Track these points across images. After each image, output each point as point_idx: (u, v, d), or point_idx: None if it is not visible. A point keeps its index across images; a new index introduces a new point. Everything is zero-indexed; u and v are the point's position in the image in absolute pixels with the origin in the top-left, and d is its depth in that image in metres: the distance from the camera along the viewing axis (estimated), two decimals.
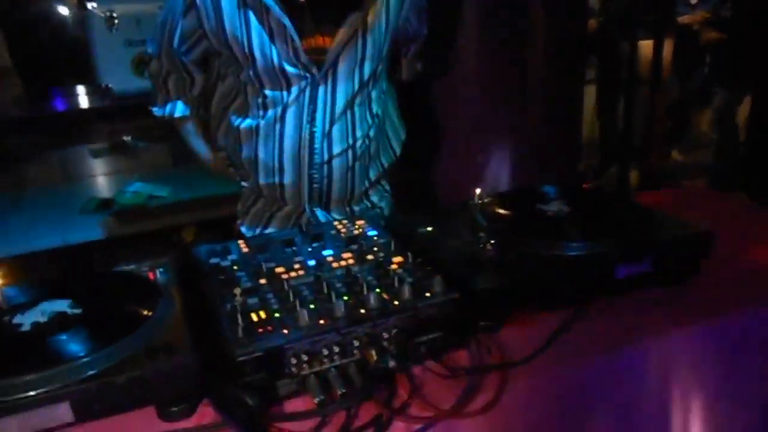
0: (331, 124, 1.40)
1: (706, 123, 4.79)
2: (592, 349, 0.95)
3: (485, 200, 1.24)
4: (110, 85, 2.41)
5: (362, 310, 0.90)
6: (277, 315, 0.91)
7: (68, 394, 0.80)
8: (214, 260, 1.11)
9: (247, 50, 1.33)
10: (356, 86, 1.39)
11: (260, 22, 1.30)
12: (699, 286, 1.09)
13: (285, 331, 0.86)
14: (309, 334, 0.86)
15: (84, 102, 2.58)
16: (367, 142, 1.47)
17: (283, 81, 1.36)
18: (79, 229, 2.19)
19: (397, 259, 1.05)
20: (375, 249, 1.10)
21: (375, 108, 1.47)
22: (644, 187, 3.23)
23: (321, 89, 1.37)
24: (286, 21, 1.27)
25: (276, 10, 1.26)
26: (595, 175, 3.17)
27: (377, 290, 0.94)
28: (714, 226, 1.08)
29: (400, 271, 1.00)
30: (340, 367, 0.87)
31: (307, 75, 1.35)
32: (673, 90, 4.42)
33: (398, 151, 1.61)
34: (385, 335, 0.89)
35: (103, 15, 2.31)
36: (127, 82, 2.41)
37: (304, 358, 0.86)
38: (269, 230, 1.59)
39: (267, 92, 1.39)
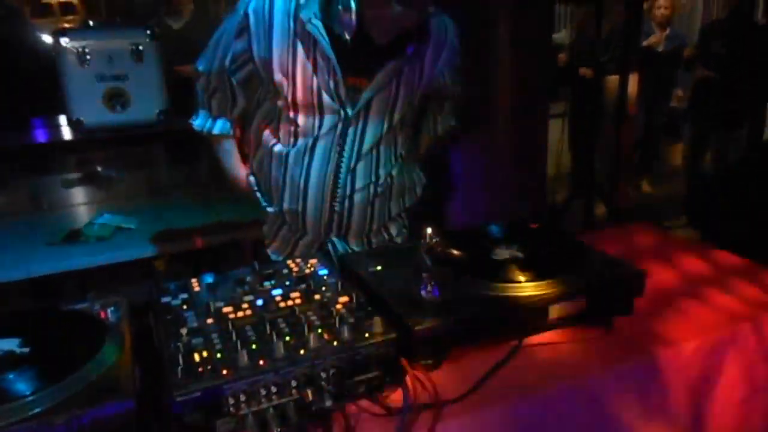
0: (357, 161, 1.48)
1: (679, 155, 4.93)
2: (526, 387, 0.99)
3: (433, 240, 1.28)
4: (81, 118, 2.45)
5: (302, 351, 0.93)
6: (219, 355, 0.93)
7: None
8: (165, 299, 1.13)
9: (290, 78, 1.41)
10: (385, 129, 1.48)
11: (306, 53, 1.39)
12: (631, 325, 1.14)
13: (224, 372, 0.89)
14: (248, 374, 0.88)
15: (57, 134, 2.61)
16: (389, 180, 1.55)
17: (317, 113, 1.44)
18: (45, 261, 2.19)
19: (343, 298, 1.08)
20: (323, 288, 1.13)
21: (400, 150, 1.56)
22: (612, 220, 3.31)
23: (351, 127, 1.45)
24: (332, 55, 1.36)
25: (323, 44, 1.35)
26: (562, 208, 3.24)
27: (319, 330, 0.98)
28: (655, 264, 1.14)
29: (343, 311, 1.04)
30: (278, 406, 0.90)
31: (341, 111, 1.43)
32: (642, 122, 4.56)
33: (419, 192, 1.69)
34: (323, 375, 0.92)
35: (75, 51, 2.35)
36: (99, 116, 2.44)
37: (243, 398, 0.88)
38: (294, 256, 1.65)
39: (300, 122, 1.46)
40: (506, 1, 2.48)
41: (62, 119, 2.67)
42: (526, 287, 1.09)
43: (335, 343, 0.94)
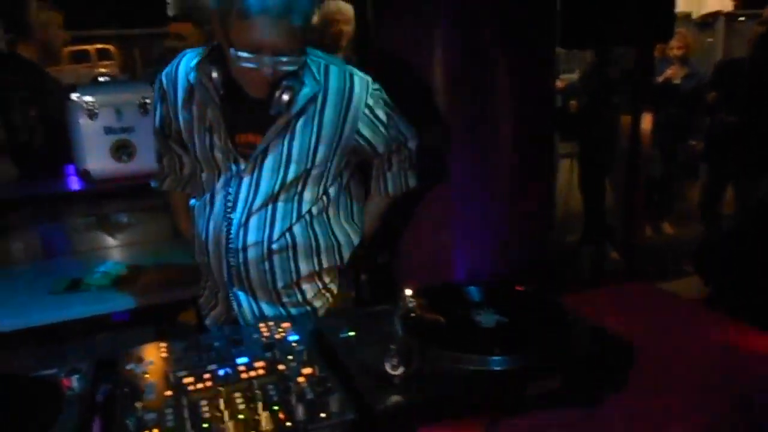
0: (249, 216, 1.47)
1: (697, 195, 4.79)
2: None
3: (409, 303, 1.24)
4: (89, 169, 2.49)
5: None
6: None
7: None
8: (129, 366, 1.11)
9: (191, 136, 1.51)
10: (278, 185, 1.46)
11: (199, 111, 1.47)
12: (620, 402, 1.06)
13: None
14: None
15: (67, 184, 2.67)
16: (288, 238, 1.51)
17: (215, 167, 1.49)
18: (46, 310, 2.20)
19: (306, 370, 1.04)
20: (289, 357, 1.09)
21: (306, 208, 1.52)
22: (627, 265, 3.19)
23: (245, 180, 1.46)
24: (217, 113, 1.43)
25: (214, 109, 1.42)
26: (572, 252, 3.15)
27: (275, 408, 0.93)
28: (653, 329, 1.06)
29: (304, 385, 1.00)
30: None
31: (234, 166, 1.46)
32: (659, 161, 4.45)
33: (346, 254, 1.63)
34: None
35: (85, 104, 2.41)
36: (106, 166, 2.48)
37: None
38: (215, 311, 1.67)
39: (204, 177, 1.53)
40: (505, 45, 2.46)
41: (63, 171, 2.77)
42: (501, 361, 1.03)
43: (288, 423, 0.90)
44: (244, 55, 1.29)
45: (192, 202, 1.61)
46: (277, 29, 1.27)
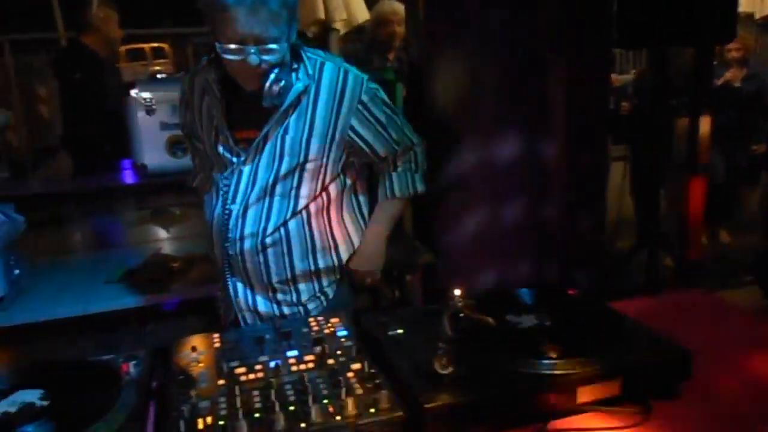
0: (246, 207, 1.51)
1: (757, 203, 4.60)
2: None
3: (459, 303, 1.22)
4: (146, 163, 2.57)
5: (303, 425, 0.90)
6: (221, 422, 0.92)
7: None
8: (183, 354, 1.13)
9: (202, 133, 1.59)
10: (272, 177, 1.49)
11: (208, 110, 1.54)
12: (673, 411, 1.03)
13: None
14: None
15: (122, 177, 2.77)
16: (282, 233, 1.52)
17: (221, 162, 1.55)
18: (102, 299, 2.28)
19: (355, 366, 1.05)
20: (338, 352, 1.10)
21: (302, 204, 1.53)
22: (682, 274, 3.08)
23: (245, 173, 1.50)
24: (217, 110, 1.50)
25: (217, 108, 1.50)
26: (624, 259, 3.06)
27: (324, 401, 0.94)
28: (710, 338, 1.02)
29: (353, 380, 1.00)
30: None
31: (236, 158, 1.51)
32: (717, 167, 4.28)
33: (343, 257, 1.63)
34: None
35: (143, 100, 2.50)
36: (161, 161, 2.56)
37: None
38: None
39: (214, 171, 1.59)
40: (560, 45, 2.42)
41: (120, 165, 2.87)
42: (554, 364, 1.01)
43: (338, 417, 0.90)
44: (229, 47, 1.33)
45: (205, 195, 1.68)
46: (256, 18, 1.30)
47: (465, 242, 2.62)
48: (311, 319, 1.25)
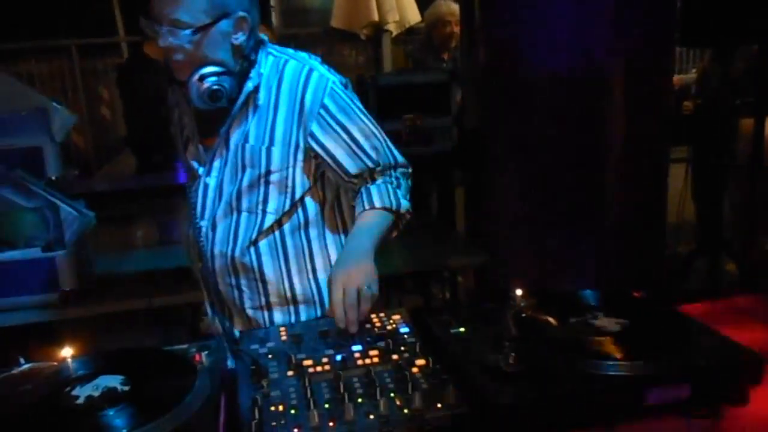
0: (214, 223, 1.42)
1: None
2: None
3: (521, 303, 1.23)
4: None
5: (371, 416, 0.92)
6: (293, 411, 0.95)
7: None
8: (253, 347, 1.18)
9: (180, 145, 1.52)
10: (235, 192, 1.38)
11: (181, 123, 1.48)
12: (744, 417, 1.00)
13: (296, 430, 0.90)
14: None
15: (182, 177, 2.88)
16: (253, 252, 1.41)
17: (192, 174, 1.48)
18: (165, 292, 2.38)
19: (420, 362, 1.07)
20: (402, 348, 1.12)
21: (271, 220, 1.40)
22: (745, 280, 2.97)
23: (211, 187, 1.42)
24: (193, 126, 1.43)
25: (187, 116, 1.43)
26: (685, 263, 2.97)
27: (391, 395, 0.97)
28: None
29: (419, 375, 1.02)
30: None
31: (201, 168, 1.43)
32: None
33: (326, 301, 1.41)
34: None
35: None
36: None
37: None
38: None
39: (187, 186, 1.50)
40: (620, 43, 2.37)
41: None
42: (621, 366, 1.00)
43: (405, 410, 0.93)
44: (151, 27, 1.27)
45: None
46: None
47: (519, 244, 2.61)
48: (373, 315, 1.27)
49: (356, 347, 1.14)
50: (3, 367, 1.15)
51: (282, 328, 1.24)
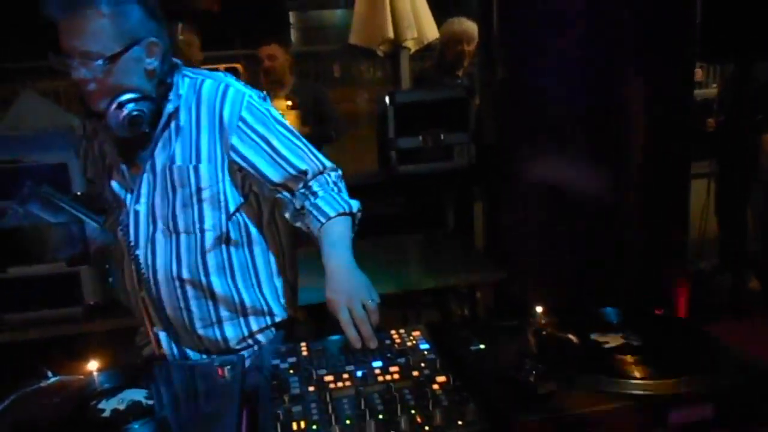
0: (153, 251, 1.40)
1: None
2: None
3: (541, 320, 1.23)
4: None
5: None
6: (314, 427, 0.96)
7: None
8: (275, 361, 1.19)
9: (96, 176, 1.50)
10: (170, 214, 1.38)
11: (102, 151, 1.45)
12: None
13: None
14: None
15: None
16: (201, 270, 1.40)
17: (117, 203, 1.44)
18: None
19: (440, 378, 1.07)
20: (422, 365, 1.13)
21: (212, 237, 1.40)
22: (765, 298, 2.92)
23: (141, 214, 1.40)
24: (114, 153, 1.40)
25: (109, 142, 1.41)
26: (707, 279, 2.93)
27: (412, 412, 0.97)
28: None
29: (439, 392, 1.02)
30: None
31: (129, 195, 1.40)
32: None
33: (275, 310, 1.49)
34: None
35: None
36: None
37: None
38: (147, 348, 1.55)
39: (113, 217, 1.48)
40: (640, 59, 2.37)
41: None
42: (643, 385, 1.00)
43: (426, 427, 0.93)
44: (63, 61, 1.26)
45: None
46: (75, 31, 1.24)
47: (538, 260, 2.59)
48: (393, 332, 1.28)
49: (377, 363, 1.15)
50: (28, 379, 1.18)
51: (303, 344, 1.26)
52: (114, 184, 1.42)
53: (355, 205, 1.40)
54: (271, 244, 1.50)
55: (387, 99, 2.76)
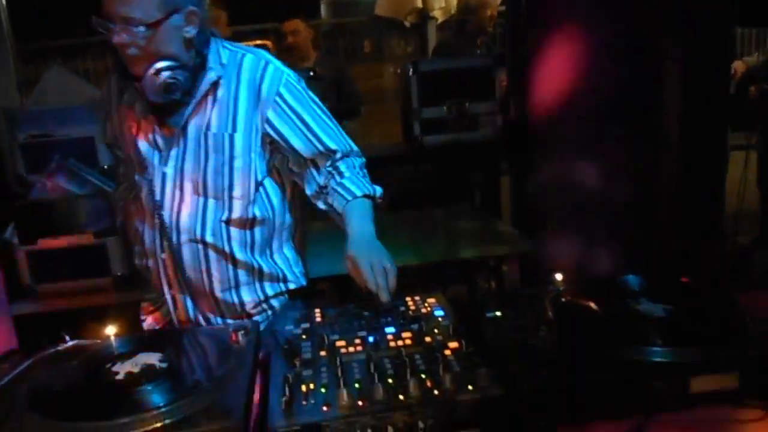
0: (179, 212, 1.43)
1: None
2: None
3: (561, 288, 1.19)
4: None
5: (401, 396, 0.91)
6: (323, 390, 0.95)
7: None
8: (288, 327, 1.19)
9: (122, 138, 1.50)
10: (200, 179, 1.41)
11: (129, 110, 1.45)
12: None
13: (325, 408, 0.90)
14: (345, 414, 0.89)
15: None
16: (224, 233, 1.43)
17: (142, 163, 1.45)
18: None
19: (453, 344, 1.05)
20: (435, 331, 1.11)
21: (240, 207, 1.43)
22: None
23: (169, 176, 1.42)
24: (147, 113, 1.41)
25: (141, 104, 1.41)
26: (744, 254, 2.82)
27: (422, 376, 0.95)
28: None
29: (451, 358, 1.00)
30: None
31: (157, 155, 1.43)
32: None
33: (290, 278, 1.53)
34: (421, 425, 0.89)
35: None
36: None
37: None
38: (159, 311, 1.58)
39: (135, 177, 1.49)
40: (674, 26, 2.26)
41: None
42: (664, 352, 0.96)
43: (436, 392, 0.91)
44: (104, 25, 1.28)
45: (131, 206, 1.56)
46: None
47: (567, 234, 2.53)
48: (408, 298, 1.26)
49: (389, 329, 1.13)
50: (49, 345, 1.20)
51: (317, 310, 1.25)
52: (142, 145, 1.44)
53: (378, 190, 1.46)
54: (288, 217, 1.54)
55: (410, 68, 2.70)
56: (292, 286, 1.54)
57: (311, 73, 2.62)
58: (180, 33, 1.34)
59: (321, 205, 1.48)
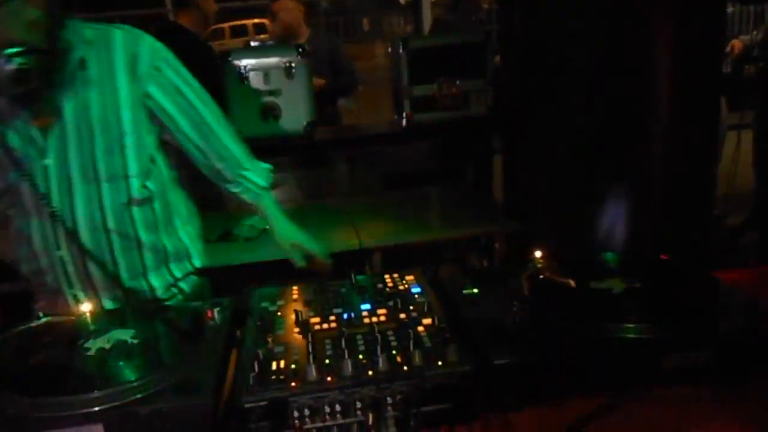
0: (72, 205, 1.36)
1: None
2: None
3: (537, 264, 1.18)
4: (240, 130, 2.68)
5: (370, 372, 0.90)
6: (293, 366, 0.95)
7: (103, 418, 0.90)
8: (264, 304, 1.18)
9: None
10: (89, 162, 1.34)
11: None
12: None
13: (293, 384, 0.90)
14: (313, 389, 0.89)
15: None
16: (127, 217, 1.40)
17: (17, 160, 1.33)
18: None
19: (426, 320, 1.04)
20: (411, 308, 1.10)
21: (137, 184, 1.39)
22: None
23: (51, 168, 1.34)
24: (6, 105, 1.31)
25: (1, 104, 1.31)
26: (734, 235, 2.81)
27: (393, 352, 0.95)
28: None
29: (423, 334, 1.00)
30: (342, 426, 0.88)
31: (32, 149, 1.33)
32: None
33: (193, 253, 1.55)
34: (389, 400, 0.89)
35: (237, 68, 2.59)
36: (254, 127, 2.64)
37: (307, 412, 0.88)
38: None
39: (12, 180, 1.37)
40: (666, 3, 2.22)
41: None
42: (635, 328, 0.95)
43: (405, 368, 0.91)
44: None
45: (11, 210, 1.42)
46: None
47: (558, 212, 2.52)
48: (386, 276, 1.25)
49: (365, 306, 1.12)
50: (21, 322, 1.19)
51: (294, 288, 1.24)
52: (14, 141, 1.33)
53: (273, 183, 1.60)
54: (180, 190, 1.55)
55: (400, 45, 2.66)
56: (196, 262, 1.56)
57: (300, 50, 2.58)
58: (21, 17, 1.22)
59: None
